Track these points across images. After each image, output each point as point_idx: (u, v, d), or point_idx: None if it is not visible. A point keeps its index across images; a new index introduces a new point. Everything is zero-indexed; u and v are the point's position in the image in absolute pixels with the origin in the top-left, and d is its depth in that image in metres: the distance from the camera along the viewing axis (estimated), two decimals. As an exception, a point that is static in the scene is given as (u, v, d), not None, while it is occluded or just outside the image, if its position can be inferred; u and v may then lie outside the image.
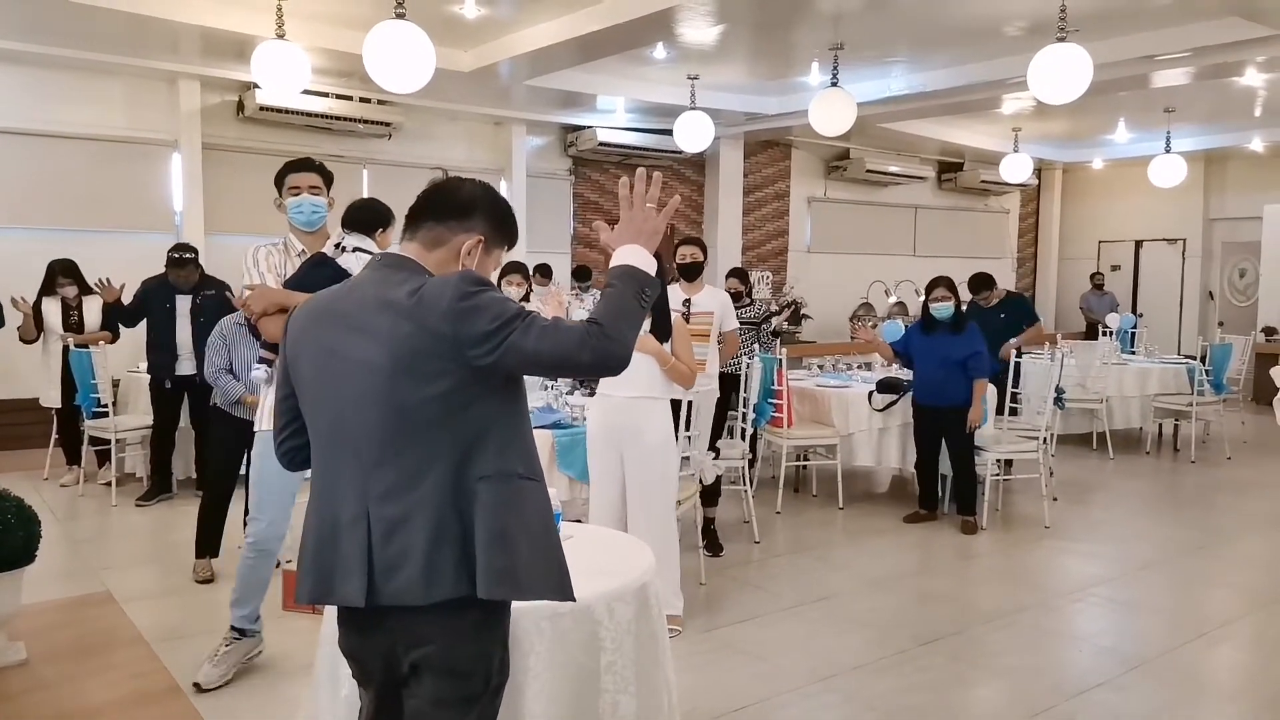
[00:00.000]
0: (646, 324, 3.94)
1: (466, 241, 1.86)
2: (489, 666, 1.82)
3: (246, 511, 4.83)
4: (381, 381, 1.73)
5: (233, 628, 3.59)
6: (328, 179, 3.56)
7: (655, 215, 1.86)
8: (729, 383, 5.75)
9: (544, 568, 1.81)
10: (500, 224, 1.92)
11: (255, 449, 3.50)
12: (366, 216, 3.41)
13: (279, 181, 3.54)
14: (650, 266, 1.81)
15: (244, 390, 4.62)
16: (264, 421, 3.32)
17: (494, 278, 2.03)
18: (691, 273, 5.18)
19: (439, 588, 1.71)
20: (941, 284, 5.87)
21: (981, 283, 6.98)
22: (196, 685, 3.45)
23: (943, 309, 5.81)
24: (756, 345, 6.37)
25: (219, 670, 3.49)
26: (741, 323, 6.29)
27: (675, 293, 5.12)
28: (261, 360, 3.37)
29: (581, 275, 9.99)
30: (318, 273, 3.28)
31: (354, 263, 3.29)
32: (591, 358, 1.68)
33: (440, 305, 1.69)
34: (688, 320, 4.98)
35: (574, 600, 1.87)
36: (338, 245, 3.39)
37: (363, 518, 1.75)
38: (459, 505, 1.73)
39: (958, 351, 5.72)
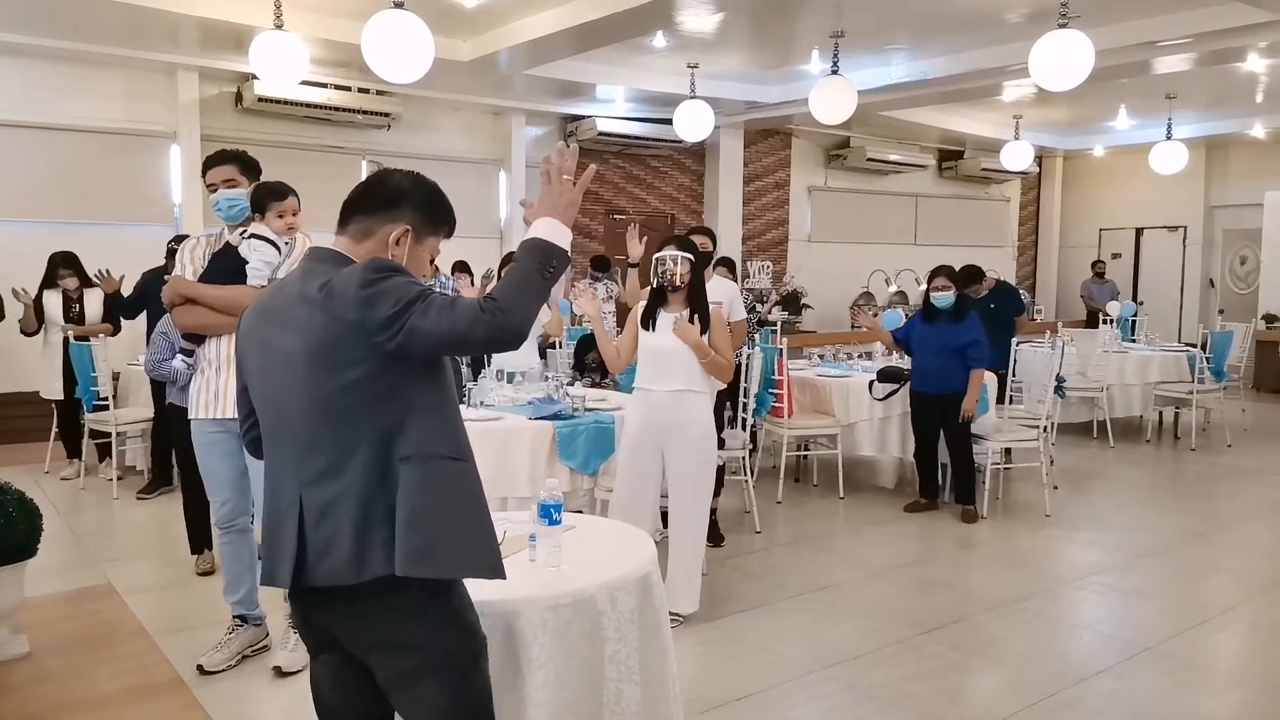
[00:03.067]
0: (685, 313, 3.91)
1: (394, 231, 1.89)
2: (441, 640, 1.83)
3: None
4: (302, 372, 1.79)
5: (234, 616, 3.65)
6: (247, 167, 3.56)
7: (572, 187, 1.89)
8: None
9: (466, 546, 1.82)
10: (430, 213, 1.95)
11: (193, 437, 3.54)
12: (253, 200, 3.45)
13: (203, 176, 3.58)
14: (563, 239, 1.83)
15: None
16: (197, 410, 3.45)
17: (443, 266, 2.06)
18: (701, 262, 5.14)
19: (369, 567, 1.75)
20: (943, 273, 5.88)
21: (970, 276, 6.99)
22: (200, 667, 3.51)
23: (943, 298, 5.81)
24: (753, 336, 6.37)
25: (221, 655, 3.56)
26: None
27: None
28: (180, 349, 3.47)
29: (600, 266, 9.92)
30: (218, 264, 3.43)
31: (247, 249, 3.38)
32: (485, 333, 1.71)
33: (348, 294, 1.74)
34: None
35: (504, 578, 1.87)
36: (241, 234, 3.45)
37: (296, 503, 1.81)
38: (385, 487, 1.77)
39: (957, 340, 5.72)
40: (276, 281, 2.01)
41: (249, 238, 3.41)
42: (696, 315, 3.92)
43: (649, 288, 4.10)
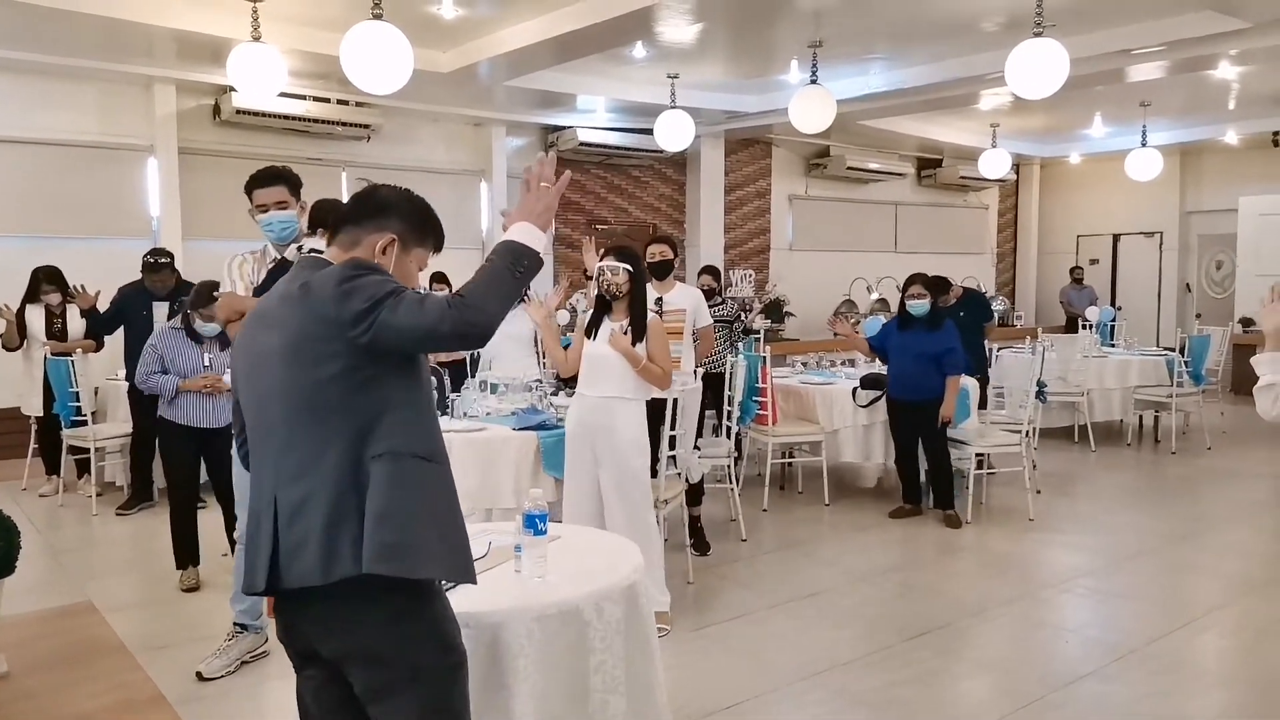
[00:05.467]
0: (624, 322, 3.94)
1: (380, 240, 1.92)
2: (416, 652, 1.81)
3: (226, 515, 4.83)
4: (281, 369, 1.81)
5: (234, 623, 3.67)
6: (294, 186, 3.56)
7: (548, 193, 1.92)
8: (712, 381, 5.75)
9: (436, 547, 1.81)
10: (417, 224, 1.98)
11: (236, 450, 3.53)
12: (315, 217, 3.51)
13: (248, 193, 3.56)
14: (536, 241, 1.86)
15: (179, 380, 4.61)
16: None
17: (424, 279, 2.08)
18: (661, 271, 5.21)
19: (337, 567, 1.73)
20: (917, 281, 5.95)
21: (936, 286, 7.03)
22: (199, 674, 3.54)
23: (918, 306, 5.87)
24: (737, 343, 6.38)
25: (220, 661, 3.60)
26: (715, 320, 6.31)
27: (648, 291, 5.10)
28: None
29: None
30: (275, 279, 3.35)
31: None
32: (451, 329, 1.73)
33: (325, 291, 1.77)
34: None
35: (474, 582, 1.88)
36: (299, 249, 3.47)
37: (272, 503, 1.80)
38: (356, 485, 1.77)
39: (933, 347, 5.78)
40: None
41: (309, 252, 3.40)
42: (631, 324, 3.95)
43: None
